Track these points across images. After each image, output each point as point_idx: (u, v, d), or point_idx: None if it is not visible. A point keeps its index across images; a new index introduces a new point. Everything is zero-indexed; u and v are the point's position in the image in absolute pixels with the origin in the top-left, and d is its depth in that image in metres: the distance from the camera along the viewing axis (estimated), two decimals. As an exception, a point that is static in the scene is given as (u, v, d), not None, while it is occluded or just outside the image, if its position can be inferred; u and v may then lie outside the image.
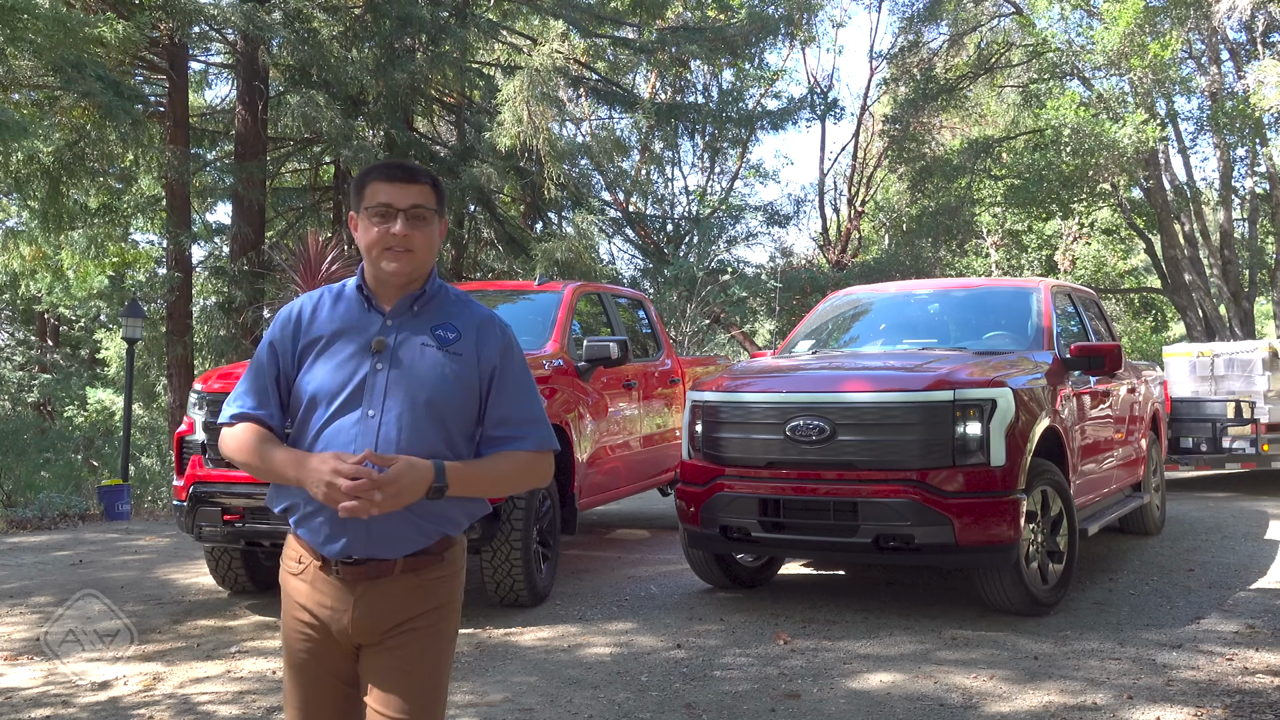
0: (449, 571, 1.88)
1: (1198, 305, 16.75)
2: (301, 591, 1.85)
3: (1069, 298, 6.12)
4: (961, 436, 4.40)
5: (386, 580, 1.81)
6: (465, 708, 3.57)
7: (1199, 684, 3.69)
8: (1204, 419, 8.93)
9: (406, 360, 1.84)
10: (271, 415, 1.86)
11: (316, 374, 1.83)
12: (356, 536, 1.79)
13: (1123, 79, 15.53)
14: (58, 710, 3.66)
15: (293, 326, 1.88)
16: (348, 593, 1.81)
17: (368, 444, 1.77)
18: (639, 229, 18.88)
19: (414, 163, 2.02)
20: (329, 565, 1.82)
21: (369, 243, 1.85)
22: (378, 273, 1.87)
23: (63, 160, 10.40)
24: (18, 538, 7.91)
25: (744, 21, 15.58)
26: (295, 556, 1.87)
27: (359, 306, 1.89)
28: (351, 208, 1.94)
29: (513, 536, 4.78)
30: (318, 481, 1.71)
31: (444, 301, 1.92)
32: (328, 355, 1.84)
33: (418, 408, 1.81)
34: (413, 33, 11.87)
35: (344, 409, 1.80)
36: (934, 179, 17.48)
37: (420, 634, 1.83)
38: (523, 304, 6.47)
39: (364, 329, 1.86)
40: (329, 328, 1.87)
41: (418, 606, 1.83)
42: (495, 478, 1.88)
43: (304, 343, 1.86)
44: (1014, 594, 4.55)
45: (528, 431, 1.90)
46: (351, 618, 1.81)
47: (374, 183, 1.87)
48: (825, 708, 3.51)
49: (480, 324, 1.91)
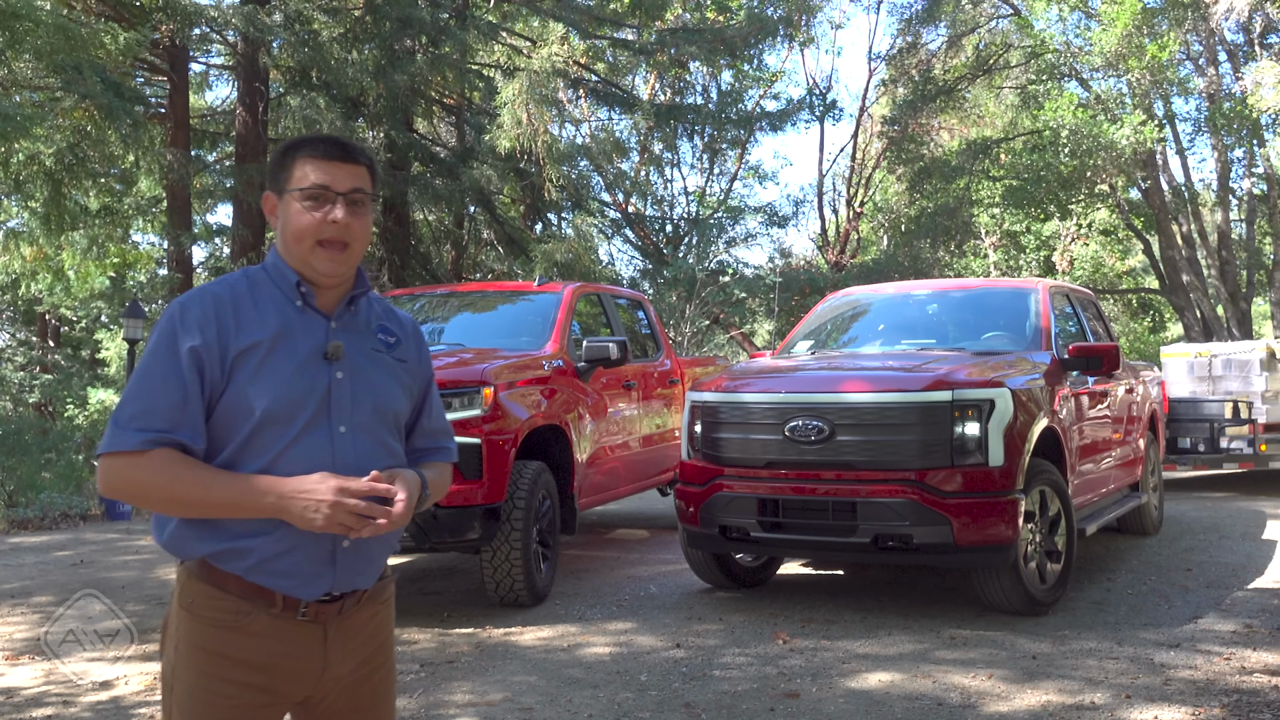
0: (391, 592, 1.75)
1: (1195, 306, 16.79)
2: (243, 646, 1.55)
3: (1067, 298, 6.14)
4: (960, 437, 4.41)
5: (354, 611, 1.63)
6: (465, 707, 3.58)
7: (1197, 683, 3.70)
8: (1202, 419, 8.95)
9: (362, 367, 1.65)
10: (195, 439, 1.53)
11: (265, 387, 1.55)
12: (344, 569, 1.60)
13: (1121, 80, 15.57)
14: (59, 710, 3.67)
15: (216, 328, 1.56)
16: (318, 633, 1.59)
17: (347, 463, 1.57)
18: (638, 230, 18.90)
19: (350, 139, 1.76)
20: (295, 607, 1.56)
21: (299, 230, 1.60)
22: (305, 267, 1.62)
23: (64, 161, 10.42)
24: (19, 538, 7.92)
25: (743, 23, 15.61)
26: (231, 608, 1.54)
27: (289, 304, 1.62)
28: (270, 186, 1.67)
29: (512, 536, 4.80)
30: (317, 504, 1.49)
31: (371, 302, 1.73)
32: (272, 364, 1.57)
33: (382, 419, 1.65)
34: (413, 34, 11.89)
35: (310, 426, 1.56)
36: (932, 180, 17.52)
37: (383, 669, 1.71)
38: (522, 305, 6.48)
39: (306, 331, 1.61)
40: (264, 331, 1.58)
41: (378, 635, 1.69)
42: (437, 488, 1.76)
43: (238, 349, 1.55)
44: (1012, 594, 4.57)
45: (447, 443, 1.81)
46: (327, 660, 1.60)
47: (305, 159, 1.61)
48: (824, 707, 3.52)
49: (413, 330, 1.77)
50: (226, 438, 1.55)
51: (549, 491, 5.13)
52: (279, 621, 1.55)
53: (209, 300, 1.59)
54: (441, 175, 12.66)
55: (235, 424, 1.55)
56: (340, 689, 1.64)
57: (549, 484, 5.13)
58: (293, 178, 1.62)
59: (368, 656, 1.66)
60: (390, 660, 1.73)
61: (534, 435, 5.16)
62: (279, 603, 1.55)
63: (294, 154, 1.63)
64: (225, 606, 1.55)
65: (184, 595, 1.58)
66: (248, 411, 1.54)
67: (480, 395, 4.78)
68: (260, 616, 1.55)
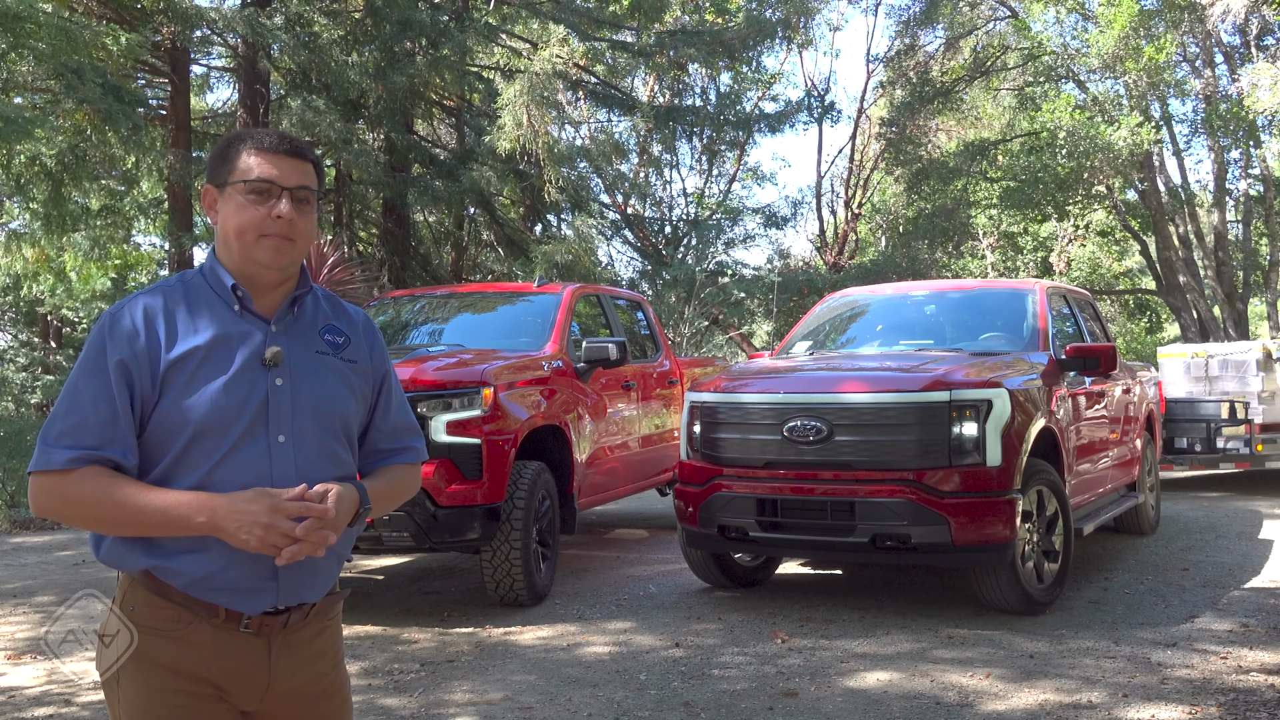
0: (339, 609, 1.67)
1: (1192, 306, 16.83)
2: (185, 656, 1.49)
3: (1064, 299, 6.17)
4: (958, 437, 4.44)
5: (299, 626, 1.56)
6: (465, 706, 3.60)
7: (1193, 682, 3.72)
8: (1198, 419, 8.97)
9: (304, 372, 1.56)
10: (126, 455, 1.46)
11: (199, 398, 1.47)
12: (289, 584, 1.52)
13: (1118, 82, 15.61)
14: (60, 709, 3.69)
15: (145, 340, 1.48)
16: (262, 646, 1.52)
17: (287, 474, 1.50)
18: (638, 231, 18.92)
19: (294, 135, 1.68)
20: (238, 619, 1.50)
21: (241, 226, 1.52)
22: (247, 265, 1.54)
23: (65, 163, 10.42)
24: (21, 538, 7.93)
25: (742, 25, 15.63)
26: (173, 617, 1.49)
27: (226, 309, 1.54)
28: (210, 179, 1.58)
29: (512, 536, 4.82)
30: (250, 525, 1.42)
31: (317, 300, 1.65)
32: (206, 373, 1.49)
33: (327, 426, 1.56)
34: (413, 37, 11.91)
35: (246, 436, 1.49)
36: (930, 181, 17.54)
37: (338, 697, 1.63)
38: (522, 306, 6.51)
39: (243, 337, 1.53)
40: (198, 338, 1.50)
41: (327, 652, 1.62)
42: (391, 495, 1.68)
43: (169, 360, 1.48)
44: (1010, 593, 4.59)
45: (413, 442, 1.72)
46: (271, 674, 1.53)
47: (250, 151, 1.53)
48: (822, 706, 3.54)
49: (364, 326, 1.68)
50: (160, 452, 1.48)
51: (549, 491, 5.15)
52: (221, 632, 1.50)
53: (139, 309, 1.51)
54: (441, 177, 12.68)
55: (168, 438, 1.48)
56: (288, 709, 1.57)
57: (549, 484, 5.15)
58: (236, 170, 1.53)
59: (317, 675, 1.59)
60: (344, 686, 1.66)
61: (534, 435, 5.19)
62: (221, 614, 1.50)
63: (238, 145, 1.55)
64: (167, 615, 1.49)
65: (126, 603, 1.52)
66: (181, 424, 1.47)
67: (480, 396, 4.80)
68: (202, 626, 1.49)
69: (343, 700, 1.66)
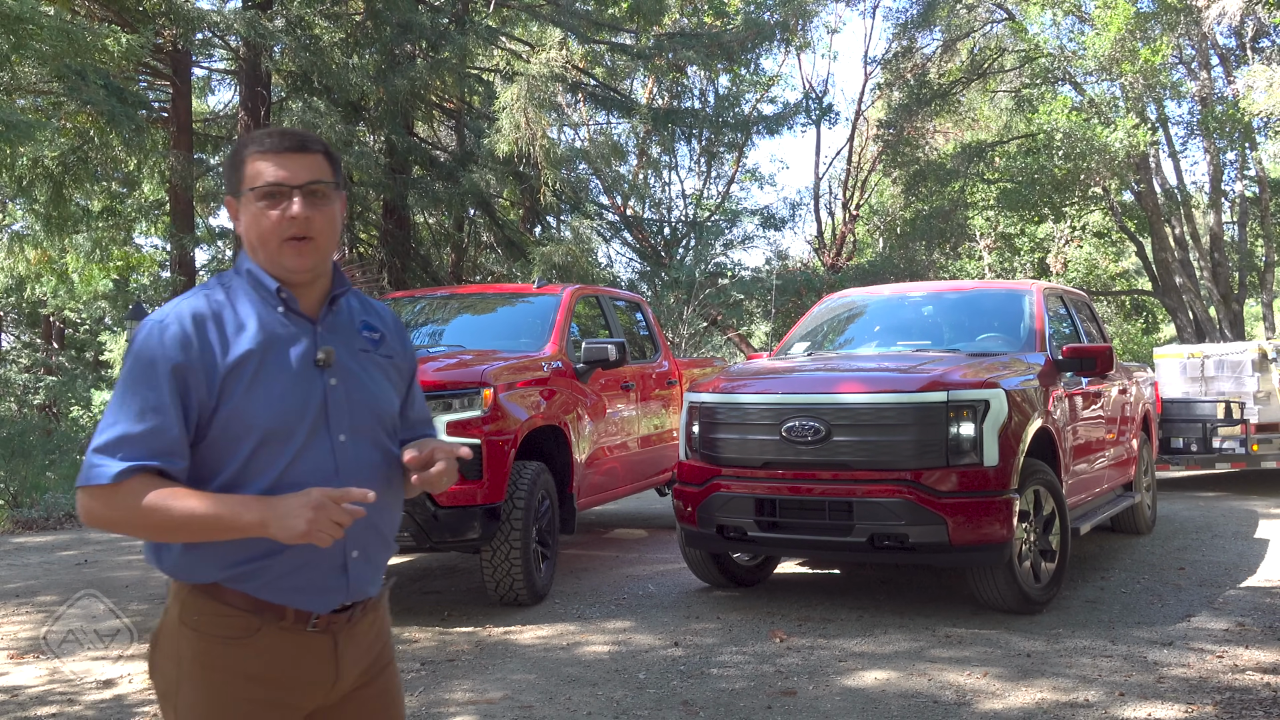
0: (387, 593, 1.69)
1: (1188, 307, 16.88)
2: (252, 660, 1.49)
3: (1061, 300, 6.20)
4: (955, 437, 4.46)
5: (360, 618, 1.58)
6: (465, 705, 3.62)
7: (1190, 681, 3.74)
8: (1194, 419, 9.01)
9: (353, 371, 1.57)
10: (175, 463, 1.45)
11: (263, 402, 1.47)
12: (358, 579, 1.55)
13: (1114, 84, 15.65)
14: (62, 708, 3.70)
15: (199, 346, 1.46)
16: (328, 644, 1.54)
17: (356, 473, 1.52)
18: (636, 233, 18.95)
19: (301, 129, 1.64)
20: (306, 619, 1.51)
21: (263, 233, 1.51)
22: (277, 270, 1.53)
23: (66, 165, 10.45)
24: (23, 538, 7.95)
25: (740, 28, 15.68)
26: (240, 624, 1.49)
27: (270, 311, 1.54)
28: (228, 190, 1.58)
29: (512, 536, 4.84)
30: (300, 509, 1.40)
31: (349, 297, 1.65)
32: (265, 377, 1.48)
33: (380, 423, 1.59)
34: (413, 39, 11.94)
35: (311, 438, 1.50)
36: (927, 183, 17.59)
37: (389, 670, 1.66)
38: (522, 307, 6.53)
39: (292, 339, 1.53)
40: (251, 342, 1.49)
41: (381, 637, 1.65)
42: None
43: (227, 365, 1.47)
44: (1007, 592, 4.62)
45: (428, 431, 1.74)
46: (339, 670, 1.55)
47: (256, 157, 1.51)
48: (821, 705, 3.56)
49: (393, 321, 1.70)
50: (225, 457, 1.47)
51: (548, 491, 5.18)
52: (289, 634, 1.50)
53: (188, 316, 1.48)
54: (441, 179, 12.71)
55: (234, 443, 1.47)
56: (350, 696, 1.59)
57: (548, 484, 5.17)
58: (246, 177, 1.52)
59: (374, 659, 1.63)
60: (393, 661, 1.69)
61: (533, 436, 5.21)
62: (289, 616, 1.50)
63: (244, 152, 1.53)
64: (233, 623, 1.49)
65: (186, 613, 1.50)
66: (245, 429, 1.46)
67: (480, 396, 4.82)
68: (270, 630, 1.50)
69: (393, 674, 1.69)
